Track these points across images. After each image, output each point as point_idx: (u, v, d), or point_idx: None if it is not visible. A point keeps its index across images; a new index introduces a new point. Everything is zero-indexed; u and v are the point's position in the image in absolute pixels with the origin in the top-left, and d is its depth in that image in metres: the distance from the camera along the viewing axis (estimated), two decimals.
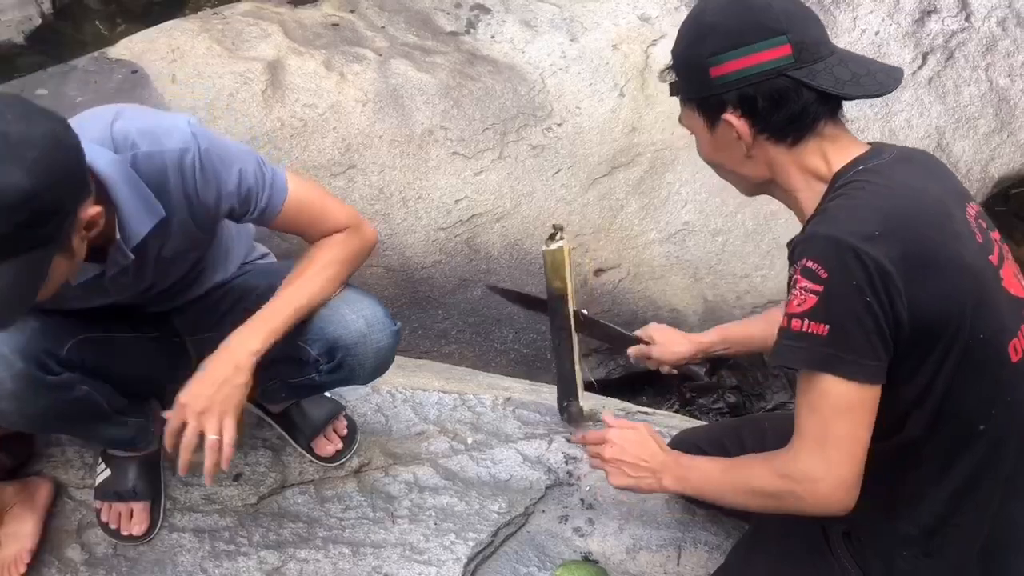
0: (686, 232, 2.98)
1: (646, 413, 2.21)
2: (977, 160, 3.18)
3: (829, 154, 1.29)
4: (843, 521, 1.44)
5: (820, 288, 1.17)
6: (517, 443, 2.04)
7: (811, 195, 1.30)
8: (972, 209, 1.31)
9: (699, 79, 1.29)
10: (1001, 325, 1.25)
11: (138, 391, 1.75)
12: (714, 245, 2.98)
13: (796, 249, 1.23)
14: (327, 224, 1.61)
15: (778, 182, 1.34)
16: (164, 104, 2.71)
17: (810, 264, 1.18)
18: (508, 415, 2.11)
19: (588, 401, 2.06)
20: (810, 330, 1.18)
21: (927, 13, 3.28)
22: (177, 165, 1.39)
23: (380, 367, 1.72)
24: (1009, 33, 3.29)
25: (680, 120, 1.40)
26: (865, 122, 3.10)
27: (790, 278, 1.22)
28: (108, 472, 1.87)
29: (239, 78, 2.79)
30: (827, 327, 1.17)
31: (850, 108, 3.20)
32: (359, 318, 1.64)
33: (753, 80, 1.25)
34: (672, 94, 1.38)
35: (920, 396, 1.24)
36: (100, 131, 1.37)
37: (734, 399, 3.00)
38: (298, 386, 1.73)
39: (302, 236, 1.63)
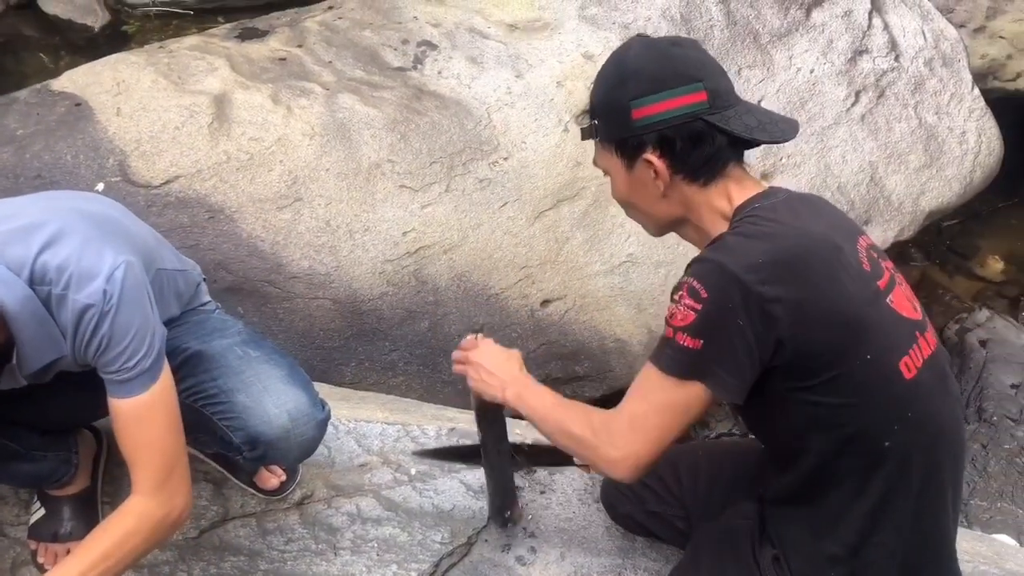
0: (630, 264, 3.03)
1: None
2: (909, 194, 3.30)
3: (732, 193, 1.39)
4: (773, 546, 1.50)
5: (699, 307, 1.26)
6: (460, 473, 2.05)
7: (714, 232, 1.39)
8: (864, 241, 1.40)
9: (620, 121, 1.38)
10: (888, 345, 1.33)
11: (55, 426, 1.74)
12: (657, 276, 3.04)
13: (688, 268, 1.32)
14: (147, 464, 1.45)
15: (691, 220, 1.43)
16: (108, 138, 2.71)
17: (695, 284, 1.27)
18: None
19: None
20: (686, 343, 1.28)
21: (859, 53, 3.42)
22: (78, 315, 1.36)
23: (306, 453, 1.72)
24: (936, 73, 3.43)
25: (595, 162, 1.48)
26: (802, 157, 3.21)
27: (674, 291, 1.31)
28: (43, 511, 1.85)
29: (185, 111, 2.80)
30: (701, 342, 1.27)
31: (786, 146, 3.34)
32: (282, 412, 1.62)
33: (673, 123, 1.34)
34: (585, 137, 1.46)
35: (815, 418, 1.32)
36: (22, 256, 1.34)
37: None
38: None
39: (120, 447, 1.48)
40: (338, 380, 2.77)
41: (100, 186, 2.68)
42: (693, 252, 2.84)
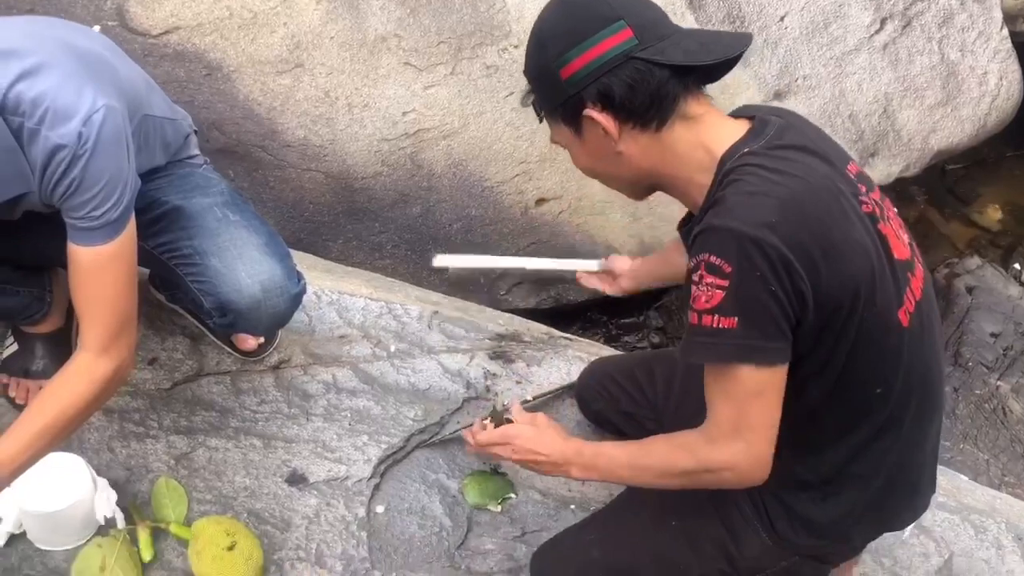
0: None
1: (568, 339, 2.24)
2: (920, 130, 3.24)
3: (705, 139, 1.27)
4: None
5: (726, 283, 1.17)
6: (439, 355, 2.05)
7: (697, 184, 1.28)
8: (852, 168, 1.33)
9: (553, 86, 1.27)
10: (892, 294, 1.29)
11: (30, 263, 1.71)
12: None
13: (696, 241, 1.22)
14: (98, 319, 1.40)
15: (658, 173, 1.31)
16: None
17: (714, 260, 1.18)
18: (434, 327, 2.12)
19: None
20: (721, 325, 1.19)
21: None
22: (48, 154, 1.29)
23: (278, 325, 1.67)
24: (967, 8, 3.33)
25: (552, 139, 1.37)
26: (817, 80, 3.13)
27: (691, 272, 1.23)
28: (16, 347, 1.83)
29: None
30: (736, 319, 1.19)
31: (803, 67, 3.24)
32: (255, 283, 1.58)
33: (603, 70, 1.22)
34: (537, 114, 1.34)
35: (821, 366, 1.28)
36: None
37: (658, 340, 3.05)
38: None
39: (73, 298, 1.43)
40: (324, 256, 2.74)
41: (96, 28, 2.58)
42: None
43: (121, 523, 1.62)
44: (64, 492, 1.54)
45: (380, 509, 1.78)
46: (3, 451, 1.36)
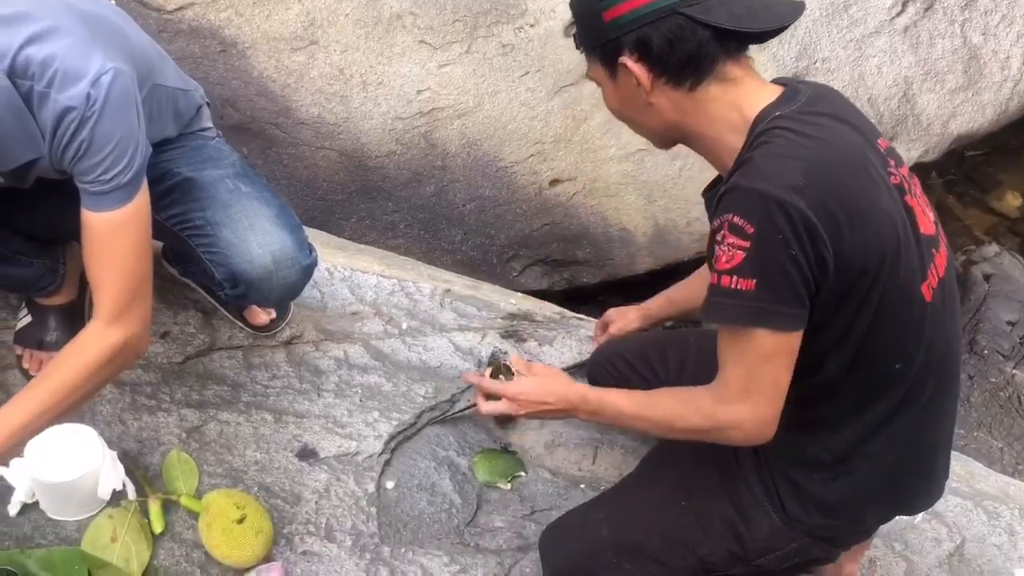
0: (646, 152, 2.96)
1: (580, 319, 2.23)
2: (939, 115, 3.20)
3: (739, 101, 1.26)
4: None
5: (747, 244, 1.17)
6: (451, 333, 2.05)
7: (726, 145, 1.27)
8: (882, 143, 1.32)
9: (595, 26, 1.26)
10: (915, 267, 1.27)
11: (43, 235, 1.71)
12: (672, 169, 2.98)
13: (721, 202, 1.21)
14: (110, 286, 1.40)
15: (686, 130, 1.30)
16: None
17: (736, 220, 1.17)
18: (445, 306, 2.11)
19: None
20: (739, 286, 1.19)
21: None
22: (58, 116, 1.28)
23: (289, 296, 1.66)
24: None
25: (587, 74, 1.36)
26: (837, 62, 3.09)
27: (715, 232, 1.22)
28: (29, 318, 1.84)
29: None
30: (754, 282, 1.18)
31: (823, 49, 3.19)
32: (266, 253, 1.58)
33: (647, 20, 1.21)
34: (577, 47, 1.33)
35: (840, 337, 1.27)
36: (3, 45, 1.25)
37: (671, 323, 3.03)
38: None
39: (86, 265, 1.42)
40: (337, 235, 2.74)
41: (111, 2, 2.58)
42: None
43: (132, 495, 1.63)
44: (76, 463, 1.54)
45: (390, 485, 1.78)
46: (8, 419, 1.36)
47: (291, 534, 1.67)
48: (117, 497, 1.61)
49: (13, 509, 1.59)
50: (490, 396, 1.54)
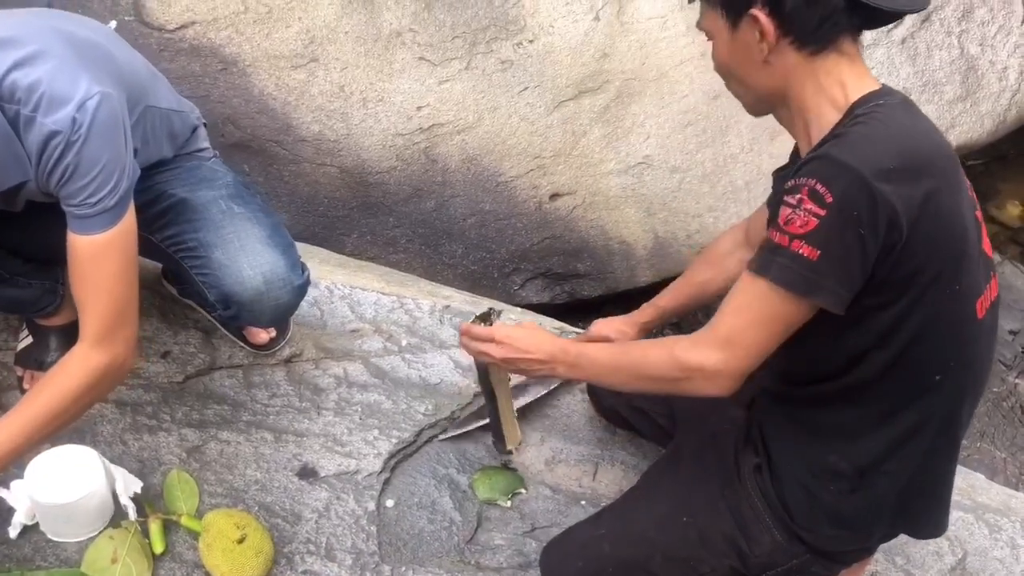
0: (645, 166, 2.97)
1: (580, 332, 2.23)
2: (938, 126, 3.19)
3: (846, 79, 1.25)
4: (756, 455, 1.49)
5: (823, 212, 1.15)
6: (450, 350, 2.05)
7: (822, 120, 1.26)
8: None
9: None
10: (975, 280, 1.27)
11: (39, 257, 1.72)
12: (671, 182, 2.99)
13: (807, 165, 1.20)
14: (95, 309, 1.40)
15: (791, 96, 1.29)
16: None
17: (819, 187, 1.16)
18: (445, 322, 2.12)
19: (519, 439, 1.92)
20: (803, 252, 1.18)
21: None
22: (44, 140, 1.29)
23: (282, 317, 1.66)
24: (987, 2, 3.29)
25: (698, 24, 1.34)
26: None
27: (789, 191, 1.20)
28: (30, 339, 1.85)
29: None
30: (819, 252, 1.17)
31: None
32: (257, 275, 1.58)
33: None
34: None
35: (883, 337, 1.25)
36: None
37: (659, 331, 3.04)
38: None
39: (72, 288, 1.44)
40: (338, 251, 2.75)
41: (112, 24, 2.60)
42: (708, 161, 2.77)
43: (133, 515, 1.63)
44: (77, 484, 1.55)
45: (390, 503, 1.78)
46: None
47: (291, 553, 1.67)
48: (118, 518, 1.62)
49: (14, 531, 1.59)
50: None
